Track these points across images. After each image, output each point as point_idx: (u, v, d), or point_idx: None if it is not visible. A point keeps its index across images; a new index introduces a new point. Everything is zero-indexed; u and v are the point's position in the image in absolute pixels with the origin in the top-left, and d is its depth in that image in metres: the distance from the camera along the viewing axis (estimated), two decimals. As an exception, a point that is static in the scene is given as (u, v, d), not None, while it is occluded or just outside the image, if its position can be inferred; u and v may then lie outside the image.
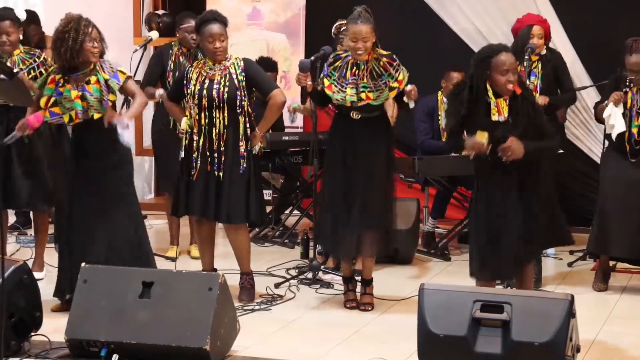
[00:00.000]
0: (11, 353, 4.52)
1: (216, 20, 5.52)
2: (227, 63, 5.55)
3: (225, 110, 5.50)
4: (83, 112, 5.23)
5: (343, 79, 5.43)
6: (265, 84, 5.61)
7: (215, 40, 5.48)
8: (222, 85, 5.50)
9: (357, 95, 5.39)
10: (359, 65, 5.42)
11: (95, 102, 5.22)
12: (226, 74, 5.52)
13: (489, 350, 4.17)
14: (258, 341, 4.95)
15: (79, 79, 5.24)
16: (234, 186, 5.52)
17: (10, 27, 5.89)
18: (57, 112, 5.25)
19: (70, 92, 5.21)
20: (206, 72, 5.55)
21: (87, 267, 4.70)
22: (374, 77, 5.40)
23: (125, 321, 4.51)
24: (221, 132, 5.51)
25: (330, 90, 5.45)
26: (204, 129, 5.52)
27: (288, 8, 8.34)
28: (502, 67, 4.78)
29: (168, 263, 6.54)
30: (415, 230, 6.81)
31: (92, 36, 5.23)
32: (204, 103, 5.51)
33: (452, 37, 7.93)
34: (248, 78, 5.55)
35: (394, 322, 5.33)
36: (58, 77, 5.28)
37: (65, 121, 5.27)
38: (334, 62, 5.49)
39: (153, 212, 8.32)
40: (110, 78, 5.25)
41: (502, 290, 4.92)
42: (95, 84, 5.22)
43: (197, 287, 4.54)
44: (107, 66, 5.28)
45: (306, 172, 7.83)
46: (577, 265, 6.66)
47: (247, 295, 5.71)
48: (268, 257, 6.75)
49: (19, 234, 7.11)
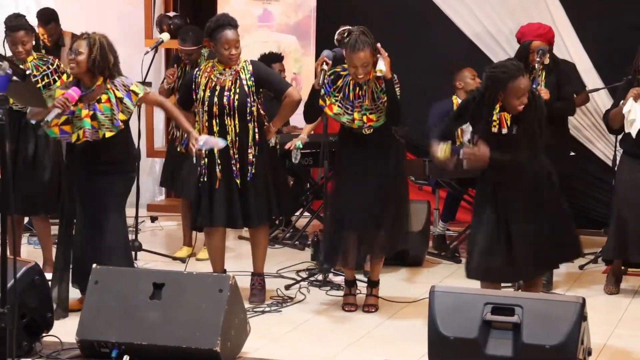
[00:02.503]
0: (23, 353, 4.54)
1: (231, 26, 5.50)
2: (238, 67, 5.54)
3: (236, 118, 5.50)
4: (93, 132, 5.17)
5: (347, 100, 5.41)
6: (278, 84, 5.62)
7: (231, 47, 5.47)
8: (233, 92, 5.50)
9: (362, 120, 5.38)
10: (361, 86, 5.39)
11: (107, 121, 5.17)
12: (236, 79, 5.52)
13: (499, 352, 4.16)
14: (268, 342, 4.95)
15: (89, 97, 5.19)
16: (250, 190, 5.54)
17: (25, 37, 5.89)
18: (67, 130, 5.20)
19: (81, 111, 5.17)
20: (216, 77, 5.54)
21: (99, 269, 4.71)
22: (374, 99, 5.38)
23: (136, 322, 4.52)
24: (234, 139, 5.51)
25: (332, 111, 5.42)
26: (215, 136, 5.52)
27: (299, 9, 8.34)
28: (518, 92, 4.73)
29: (178, 264, 6.56)
30: (425, 233, 6.81)
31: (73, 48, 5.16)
32: (215, 110, 5.51)
33: (462, 38, 7.92)
34: (259, 81, 5.54)
35: (405, 324, 5.33)
36: None
37: (72, 140, 5.21)
38: (335, 81, 5.44)
39: (163, 214, 8.33)
40: (124, 97, 5.19)
41: (513, 293, 4.92)
42: (106, 103, 5.17)
43: (208, 288, 4.55)
44: (120, 84, 5.21)
45: (317, 174, 7.83)
46: (588, 268, 6.63)
47: (258, 296, 5.71)
48: (278, 258, 6.75)
49: (30, 235, 7.13)
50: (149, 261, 6.60)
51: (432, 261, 6.89)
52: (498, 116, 4.83)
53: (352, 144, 5.49)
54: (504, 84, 4.73)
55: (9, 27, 5.91)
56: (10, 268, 3.96)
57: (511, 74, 4.73)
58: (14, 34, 5.87)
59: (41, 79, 5.83)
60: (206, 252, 6.50)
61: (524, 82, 4.74)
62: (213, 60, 5.63)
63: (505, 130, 4.82)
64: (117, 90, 5.19)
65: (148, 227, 7.95)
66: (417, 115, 7.16)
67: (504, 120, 4.82)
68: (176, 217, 8.15)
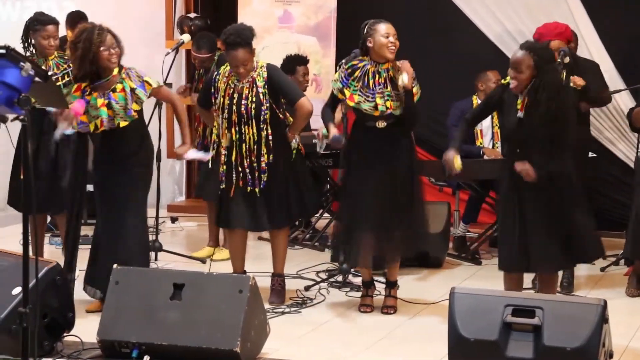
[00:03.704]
0: (44, 353, 4.56)
1: (240, 46, 5.44)
2: (254, 74, 5.53)
3: (253, 127, 5.52)
4: (109, 121, 5.23)
5: (367, 88, 5.42)
6: (291, 94, 5.58)
7: (239, 66, 5.49)
8: (250, 101, 5.50)
9: (385, 105, 5.39)
10: (380, 73, 5.41)
11: (121, 110, 5.23)
12: (253, 86, 5.52)
13: (520, 354, 4.14)
14: (288, 343, 4.95)
15: (104, 87, 5.25)
16: (268, 195, 5.55)
17: (56, 32, 5.97)
18: (84, 120, 5.26)
19: (96, 101, 5.22)
20: (234, 83, 5.54)
21: (119, 269, 4.73)
22: (395, 87, 5.40)
23: (156, 322, 4.53)
24: (251, 147, 5.53)
25: (353, 101, 5.44)
26: (235, 144, 5.54)
27: (319, 11, 8.34)
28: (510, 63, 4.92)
29: (198, 265, 6.57)
30: (445, 234, 6.79)
31: (107, 43, 5.21)
32: (234, 119, 5.53)
33: (483, 39, 7.90)
34: (273, 87, 5.54)
35: (425, 326, 5.32)
36: (84, 86, 5.29)
37: (90, 130, 5.27)
38: (352, 73, 5.45)
39: (184, 214, 8.36)
40: (137, 87, 5.25)
41: (534, 295, 4.90)
42: (121, 92, 5.22)
43: (228, 289, 4.56)
44: (134, 75, 5.28)
45: (337, 175, 7.82)
46: (610, 270, 6.60)
47: (278, 297, 5.72)
48: (298, 259, 6.75)
49: (52, 235, 7.17)
50: (169, 262, 6.62)
51: (452, 263, 6.87)
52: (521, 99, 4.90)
53: (364, 140, 5.49)
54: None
55: (40, 21, 5.97)
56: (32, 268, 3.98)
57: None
58: (45, 27, 5.93)
59: (62, 77, 5.87)
60: (224, 252, 6.53)
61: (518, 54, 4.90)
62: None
63: (521, 114, 4.85)
64: (130, 81, 5.24)
65: (168, 228, 7.97)
66: (437, 116, 7.16)
67: (524, 104, 4.88)
68: (196, 218, 8.18)
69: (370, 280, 5.69)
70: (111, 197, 5.31)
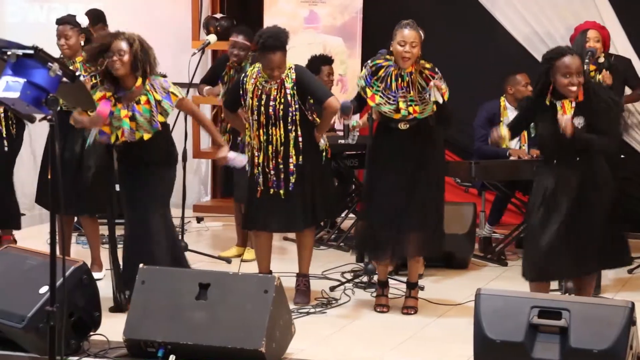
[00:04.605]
0: (71, 352, 4.59)
1: (277, 49, 5.44)
2: (283, 75, 5.54)
3: (281, 128, 5.52)
4: (130, 133, 5.23)
5: (389, 90, 5.41)
6: (319, 93, 5.58)
7: (274, 69, 5.49)
8: (278, 102, 5.50)
9: (407, 109, 5.38)
10: (403, 77, 5.40)
11: (145, 123, 5.23)
12: (281, 88, 5.52)
13: (546, 356, 4.12)
14: (313, 344, 4.95)
15: (128, 98, 5.25)
16: (295, 197, 5.55)
17: (69, 31, 5.96)
18: (106, 131, 5.27)
19: (120, 112, 5.23)
20: (262, 84, 5.54)
21: (145, 268, 4.75)
22: (419, 90, 5.38)
23: (182, 322, 4.55)
24: (278, 149, 5.54)
25: (374, 101, 5.43)
26: (262, 145, 5.56)
27: (345, 11, 8.34)
28: (564, 69, 4.82)
29: (224, 265, 6.59)
30: (471, 235, 6.76)
31: (114, 49, 5.19)
32: (262, 120, 5.54)
33: (511, 41, 7.87)
34: (301, 88, 5.54)
35: (450, 327, 5.30)
36: (109, 95, 5.29)
37: (111, 140, 5.28)
38: (376, 72, 5.45)
39: (209, 215, 8.38)
40: (163, 99, 5.24)
41: (560, 297, 4.86)
42: (145, 104, 5.22)
43: (253, 289, 4.57)
44: (159, 86, 5.26)
45: (362, 176, 7.81)
46: (637, 272, 6.55)
47: (303, 297, 5.72)
48: (323, 260, 6.75)
49: (78, 234, 7.21)
50: (195, 261, 6.63)
51: (477, 264, 6.84)
52: (560, 104, 4.86)
53: (387, 141, 5.48)
54: (551, 60, 4.87)
55: (56, 21, 6.03)
56: (59, 267, 4.01)
57: (559, 52, 4.92)
58: (58, 27, 5.98)
59: (89, 78, 5.87)
60: (252, 253, 6.54)
61: (572, 60, 4.84)
62: (258, 66, 5.64)
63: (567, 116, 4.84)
64: (155, 92, 5.23)
65: (194, 228, 8.00)
66: (464, 118, 7.13)
67: (565, 107, 4.86)
68: (222, 218, 8.20)
69: (385, 280, 5.68)
70: (134, 203, 5.32)
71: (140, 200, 5.31)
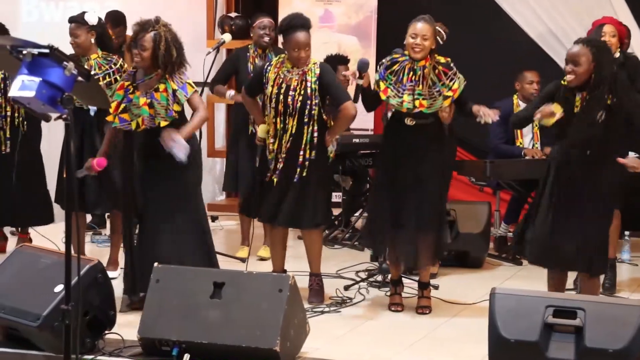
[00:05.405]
0: (86, 350, 4.60)
1: (304, 28, 5.50)
2: (306, 68, 5.55)
3: (296, 119, 5.52)
4: (150, 120, 5.27)
5: (400, 84, 5.41)
6: (338, 95, 5.57)
7: (300, 50, 5.49)
8: (298, 93, 5.52)
9: (413, 103, 5.37)
10: (415, 71, 5.39)
11: (162, 110, 5.26)
12: (303, 80, 5.53)
13: (561, 356, 4.11)
14: (327, 343, 4.95)
15: (146, 85, 5.30)
16: (299, 192, 5.55)
17: (77, 29, 5.96)
18: (126, 118, 5.31)
19: (138, 99, 5.28)
20: (284, 74, 5.56)
21: (160, 267, 4.76)
22: (430, 85, 5.38)
23: (196, 321, 4.56)
24: (288, 139, 5.54)
25: (386, 94, 5.44)
26: (278, 133, 5.56)
27: (360, 10, 8.34)
28: (567, 57, 4.89)
29: (238, 264, 6.59)
30: (486, 234, 6.75)
31: (137, 43, 5.26)
32: (280, 109, 5.54)
33: (526, 40, 7.85)
34: (322, 85, 5.55)
35: (464, 327, 5.29)
36: (127, 84, 5.35)
37: (132, 128, 5.32)
38: (391, 66, 5.46)
39: (224, 213, 8.39)
40: (179, 89, 5.28)
41: (575, 296, 4.85)
42: (164, 92, 5.26)
43: (268, 288, 4.57)
44: (177, 76, 5.30)
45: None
46: (653, 272, 6.54)
47: (317, 297, 5.72)
48: (338, 259, 6.75)
49: (93, 233, 7.23)
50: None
51: (492, 263, 6.83)
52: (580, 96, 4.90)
53: (396, 137, 5.48)
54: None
55: (68, 20, 6.05)
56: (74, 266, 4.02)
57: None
58: (69, 25, 5.99)
59: (102, 77, 5.88)
60: (267, 251, 6.54)
61: (575, 48, 4.86)
62: (283, 56, 5.66)
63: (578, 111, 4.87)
64: (173, 82, 5.28)
65: (209, 227, 8.00)
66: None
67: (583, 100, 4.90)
68: (236, 217, 8.20)
69: (398, 278, 5.67)
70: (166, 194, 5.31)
71: (160, 198, 5.31)
